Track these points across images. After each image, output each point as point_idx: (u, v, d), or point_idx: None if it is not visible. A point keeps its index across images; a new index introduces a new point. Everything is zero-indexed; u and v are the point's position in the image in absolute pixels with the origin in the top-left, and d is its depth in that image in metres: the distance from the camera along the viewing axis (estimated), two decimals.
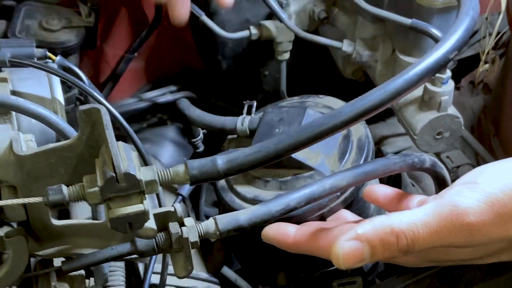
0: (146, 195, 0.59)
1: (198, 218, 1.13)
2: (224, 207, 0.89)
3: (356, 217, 0.82)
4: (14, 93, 0.70)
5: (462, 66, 1.22)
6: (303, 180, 0.85)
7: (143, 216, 0.57)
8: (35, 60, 0.80)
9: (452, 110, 0.91)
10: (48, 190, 0.58)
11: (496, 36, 1.21)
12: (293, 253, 0.72)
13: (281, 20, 1.00)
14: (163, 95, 1.13)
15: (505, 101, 1.04)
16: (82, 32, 0.92)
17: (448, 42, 0.64)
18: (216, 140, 1.11)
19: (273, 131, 0.88)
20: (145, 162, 0.78)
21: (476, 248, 0.63)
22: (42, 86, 0.71)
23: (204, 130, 1.10)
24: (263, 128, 0.89)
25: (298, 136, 0.60)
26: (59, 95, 0.71)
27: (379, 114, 1.16)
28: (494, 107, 1.11)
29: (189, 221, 0.66)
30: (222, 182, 0.91)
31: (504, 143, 1.07)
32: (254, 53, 1.11)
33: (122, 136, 1.20)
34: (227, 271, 1.04)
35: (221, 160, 0.59)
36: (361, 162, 0.86)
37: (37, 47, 0.88)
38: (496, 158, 1.07)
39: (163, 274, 0.83)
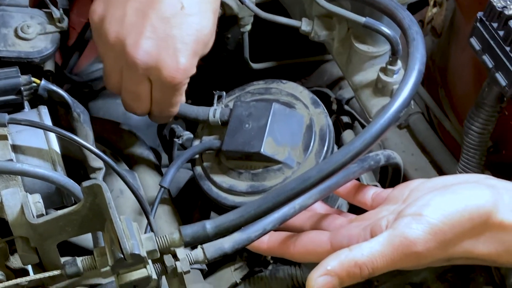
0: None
1: None
2: (203, 194, 0.99)
3: (324, 207, 0.92)
4: (14, 147, 0.78)
5: (412, 11, 1.29)
6: (272, 172, 0.95)
7: (147, 279, 0.68)
8: (22, 88, 0.87)
9: None
10: (65, 264, 0.68)
11: None
12: None
13: (242, 2, 1.05)
14: None
15: (449, 63, 1.13)
16: (57, 37, 0.97)
17: (397, 101, 0.72)
18: None
19: (244, 126, 0.96)
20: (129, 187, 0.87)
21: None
22: (39, 137, 0.79)
23: None
24: (234, 123, 0.97)
25: (274, 200, 0.70)
26: (55, 145, 0.79)
27: None
28: (440, 58, 1.20)
29: (180, 252, 0.76)
30: (199, 170, 1.00)
31: (449, 97, 1.16)
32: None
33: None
34: None
35: (209, 225, 0.70)
36: (323, 152, 0.96)
37: (17, 62, 0.94)
38: (443, 109, 1.18)
39: None
